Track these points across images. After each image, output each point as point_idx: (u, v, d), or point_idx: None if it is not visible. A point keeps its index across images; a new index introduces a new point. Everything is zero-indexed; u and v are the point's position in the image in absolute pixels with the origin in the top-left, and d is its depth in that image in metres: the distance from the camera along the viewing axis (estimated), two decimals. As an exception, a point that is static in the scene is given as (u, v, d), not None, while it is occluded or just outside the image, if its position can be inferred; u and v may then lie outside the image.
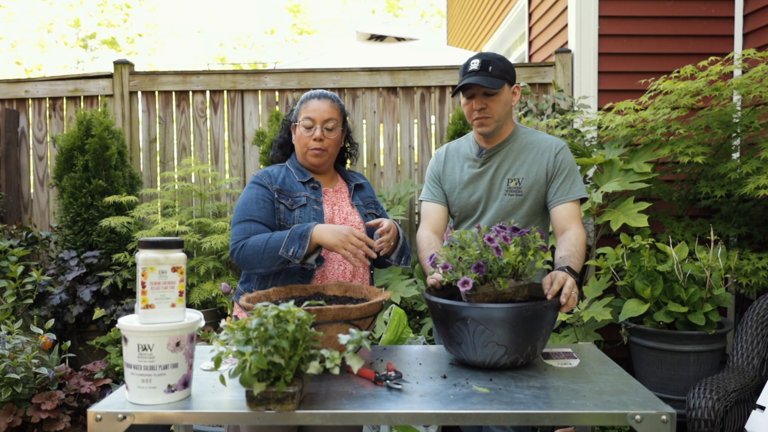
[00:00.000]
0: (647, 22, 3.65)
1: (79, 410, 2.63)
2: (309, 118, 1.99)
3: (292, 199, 1.96)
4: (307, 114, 2.00)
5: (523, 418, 1.30)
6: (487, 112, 1.99)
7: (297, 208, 1.94)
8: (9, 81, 4.03)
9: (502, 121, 2.02)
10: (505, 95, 2.00)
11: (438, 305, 1.59)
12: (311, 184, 2.02)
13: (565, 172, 2.01)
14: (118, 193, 3.53)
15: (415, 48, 5.29)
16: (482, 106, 1.98)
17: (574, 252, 1.85)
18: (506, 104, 2.01)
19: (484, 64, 1.96)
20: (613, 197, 3.16)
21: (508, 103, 2.02)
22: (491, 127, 2.01)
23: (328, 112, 2.00)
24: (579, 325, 2.90)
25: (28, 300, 3.24)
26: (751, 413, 2.17)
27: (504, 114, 2.01)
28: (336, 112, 2.02)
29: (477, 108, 1.99)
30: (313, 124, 1.99)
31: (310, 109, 2.00)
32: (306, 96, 2.07)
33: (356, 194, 2.10)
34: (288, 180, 2.01)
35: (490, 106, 1.98)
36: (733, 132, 3.10)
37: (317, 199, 1.99)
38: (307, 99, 2.05)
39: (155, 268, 1.37)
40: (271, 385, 1.28)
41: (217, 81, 3.96)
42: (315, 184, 2.02)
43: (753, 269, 2.77)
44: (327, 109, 2.00)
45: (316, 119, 1.99)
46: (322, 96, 2.04)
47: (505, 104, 2.01)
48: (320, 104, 2.01)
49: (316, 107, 2.00)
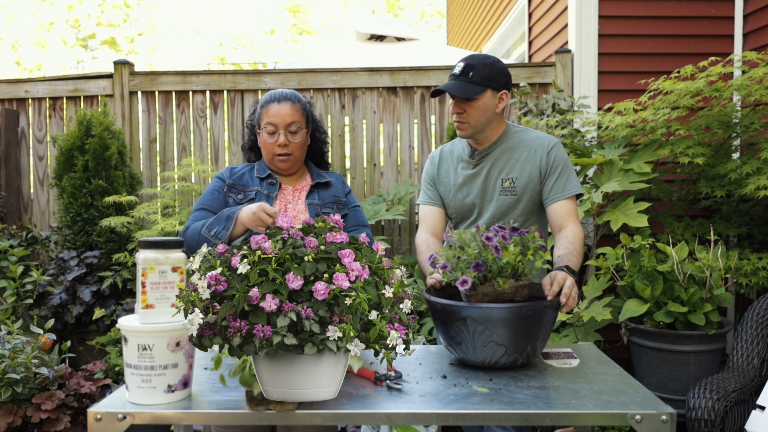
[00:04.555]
0: (647, 22, 3.65)
1: (79, 410, 2.63)
2: (271, 123, 1.96)
3: (243, 193, 1.99)
4: (269, 119, 1.97)
5: (523, 418, 1.30)
6: (464, 117, 1.97)
7: (246, 201, 1.97)
8: (9, 81, 4.03)
9: (481, 126, 1.99)
10: (485, 101, 1.96)
11: (438, 305, 1.60)
12: (269, 180, 2.02)
13: (559, 169, 2.00)
14: (118, 193, 3.53)
15: (415, 48, 5.30)
16: (460, 110, 1.97)
17: (572, 250, 1.84)
18: (486, 111, 1.97)
19: (466, 69, 1.95)
20: (612, 197, 3.16)
21: (489, 110, 1.97)
22: (467, 131, 2.00)
23: (289, 116, 1.96)
24: (579, 325, 2.90)
25: (28, 300, 3.24)
26: (751, 413, 2.17)
27: (483, 119, 1.98)
28: (298, 114, 1.98)
29: (455, 112, 1.99)
30: (276, 130, 1.96)
31: (270, 114, 1.96)
32: (265, 99, 2.01)
33: (316, 193, 2.04)
34: (246, 176, 2.04)
35: (467, 111, 1.96)
36: (733, 132, 3.10)
37: (269, 194, 1.99)
38: (267, 103, 1.99)
39: (155, 268, 1.37)
40: (271, 385, 1.29)
41: (217, 81, 3.96)
42: (272, 180, 2.02)
43: (753, 269, 2.77)
44: (288, 113, 1.96)
45: (278, 124, 1.96)
46: (282, 98, 1.99)
47: (485, 111, 1.97)
48: (280, 108, 1.96)
49: (276, 112, 1.96)
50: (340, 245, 1.28)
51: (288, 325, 1.18)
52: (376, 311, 1.23)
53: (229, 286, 1.22)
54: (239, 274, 1.22)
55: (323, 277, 1.21)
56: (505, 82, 1.99)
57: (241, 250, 1.26)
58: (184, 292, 1.25)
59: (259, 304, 1.18)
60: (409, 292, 1.34)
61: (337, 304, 1.20)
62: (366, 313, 1.21)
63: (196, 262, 1.28)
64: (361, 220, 2.11)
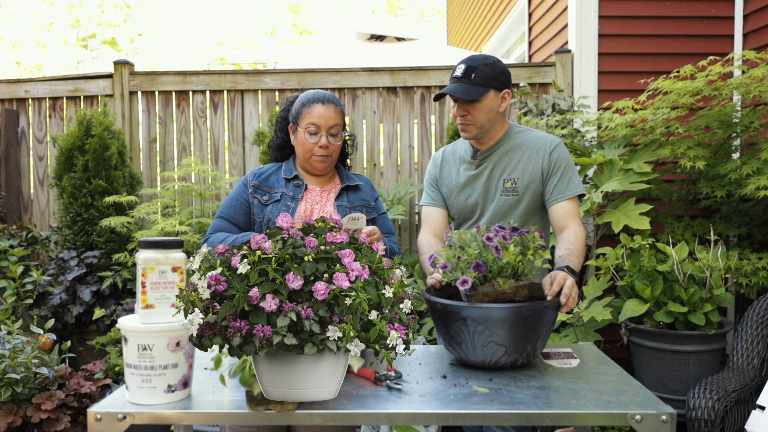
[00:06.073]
0: (647, 22, 3.65)
1: (79, 410, 2.63)
2: (314, 124, 1.96)
3: (269, 195, 1.99)
4: (312, 120, 1.96)
5: (523, 418, 1.30)
6: (468, 119, 1.98)
7: (271, 203, 1.97)
8: (9, 81, 4.03)
9: (486, 127, 2.00)
10: (489, 102, 1.97)
11: (438, 305, 1.60)
12: (295, 181, 2.01)
13: (561, 170, 2.00)
14: (118, 193, 3.53)
15: (415, 48, 5.29)
16: (464, 113, 1.98)
17: (573, 250, 1.84)
18: (490, 111, 1.98)
19: (468, 71, 1.95)
20: (613, 197, 3.16)
21: (492, 110, 1.98)
22: (472, 133, 2.00)
23: (333, 119, 1.97)
24: (579, 325, 2.90)
25: (28, 300, 3.24)
26: (751, 413, 2.17)
27: (487, 120, 1.98)
28: (339, 117, 2.00)
29: (458, 114, 1.99)
30: (318, 131, 1.96)
31: (314, 115, 1.96)
32: (308, 98, 2.00)
33: (346, 196, 2.04)
34: (273, 177, 2.03)
35: (471, 113, 1.97)
36: (733, 132, 3.10)
37: (295, 195, 1.98)
38: (311, 102, 1.98)
39: (155, 268, 1.37)
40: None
41: (217, 81, 3.96)
42: (299, 182, 2.01)
43: (753, 269, 2.77)
44: (332, 116, 1.97)
45: (321, 126, 1.95)
46: (326, 101, 1.98)
47: (489, 111, 1.97)
48: (325, 110, 1.96)
49: (321, 113, 1.96)
50: (340, 245, 1.28)
51: (288, 325, 1.18)
52: (376, 311, 1.23)
53: (229, 286, 1.22)
54: (239, 274, 1.22)
55: (323, 277, 1.21)
56: (506, 82, 2.00)
57: (241, 250, 1.26)
58: (184, 292, 1.25)
59: (259, 304, 1.18)
60: (409, 292, 1.34)
61: (337, 304, 1.20)
62: (366, 313, 1.21)
63: (196, 262, 1.28)
64: (389, 227, 2.10)
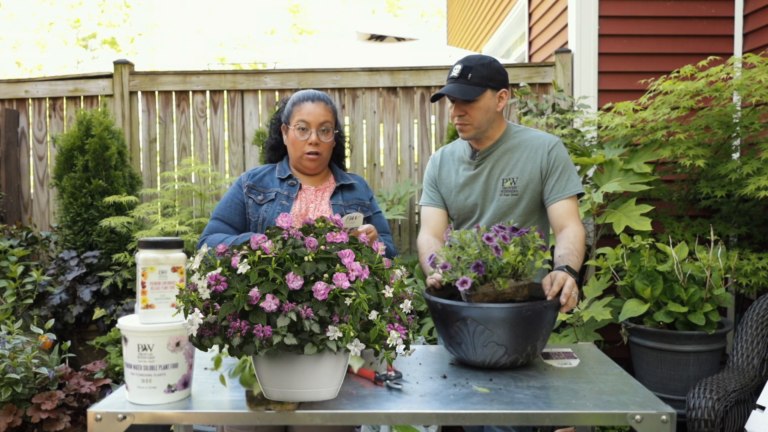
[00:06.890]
0: (647, 22, 3.65)
1: (79, 410, 2.63)
2: (303, 121, 1.97)
3: (263, 194, 2.00)
4: (302, 117, 1.97)
5: (523, 418, 1.30)
6: (466, 119, 1.97)
7: (266, 203, 1.98)
8: (9, 81, 4.03)
9: (484, 127, 1.99)
10: (486, 102, 1.96)
11: (438, 305, 1.59)
12: (289, 181, 2.02)
13: (560, 169, 1.99)
14: (118, 193, 3.53)
15: (415, 48, 5.29)
16: (461, 113, 1.97)
17: (573, 250, 1.84)
18: (487, 111, 1.97)
19: (465, 71, 1.95)
20: (613, 197, 3.16)
21: (490, 110, 1.98)
22: (470, 133, 2.00)
23: (322, 116, 1.98)
24: (579, 325, 2.90)
25: (28, 300, 3.24)
26: (751, 413, 2.17)
27: (485, 120, 1.98)
28: (330, 114, 2.00)
29: (456, 114, 1.98)
30: (308, 128, 1.97)
31: (304, 113, 1.98)
32: (299, 97, 2.02)
33: (341, 194, 2.05)
34: (267, 177, 2.05)
35: (469, 113, 1.96)
36: (733, 132, 3.10)
37: (289, 195, 1.99)
38: (301, 101, 2.01)
39: (155, 268, 1.37)
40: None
41: (217, 81, 3.96)
42: (293, 181, 2.02)
43: (753, 269, 2.77)
44: (321, 113, 1.98)
45: (311, 123, 1.97)
46: (316, 98, 2.00)
47: (486, 111, 1.97)
48: (315, 107, 1.98)
49: (310, 110, 1.98)
50: (340, 245, 1.28)
51: (288, 325, 1.18)
52: (376, 311, 1.23)
53: (229, 286, 1.22)
54: (239, 274, 1.22)
55: (323, 277, 1.21)
56: (503, 81, 2.00)
57: (241, 250, 1.26)
58: (184, 292, 1.25)
59: (259, 304, 1.18)
60: (409, 292, 1.34)
61: (337, 304, 1.20)
62: (366, 313, 1.21)
63: (196, 262, 1.28)
64: (385, 226, 2.11)
